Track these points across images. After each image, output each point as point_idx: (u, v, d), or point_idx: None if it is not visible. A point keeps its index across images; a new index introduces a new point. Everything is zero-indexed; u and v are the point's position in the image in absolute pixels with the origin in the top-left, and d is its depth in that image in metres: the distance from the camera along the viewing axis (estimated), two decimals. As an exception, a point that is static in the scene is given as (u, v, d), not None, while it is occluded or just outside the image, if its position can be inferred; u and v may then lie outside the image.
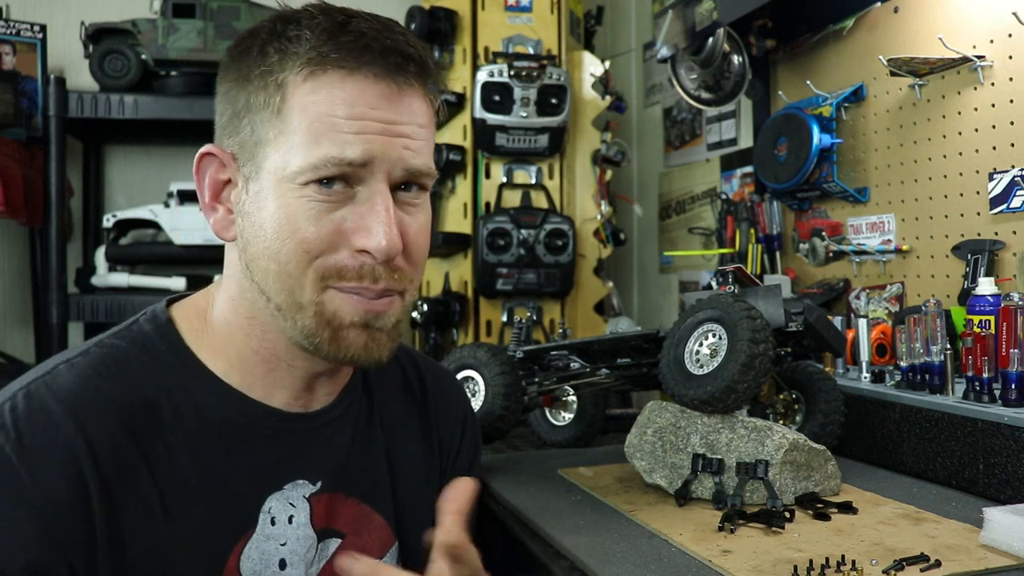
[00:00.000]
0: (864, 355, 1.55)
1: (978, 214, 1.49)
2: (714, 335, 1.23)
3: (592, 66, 2.30)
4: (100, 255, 2.33)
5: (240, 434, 0.86)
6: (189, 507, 0.82)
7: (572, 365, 1.57)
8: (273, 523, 0.87)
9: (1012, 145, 1.41)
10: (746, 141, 2.21)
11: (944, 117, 1.56)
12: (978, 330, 1.29)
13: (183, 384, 0.85)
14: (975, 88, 1.48)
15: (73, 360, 0.83)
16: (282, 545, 0.87)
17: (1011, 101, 1.41)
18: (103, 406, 0.79)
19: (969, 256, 1.48)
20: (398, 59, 0.81)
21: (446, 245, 2.15)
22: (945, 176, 1.56)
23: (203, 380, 0.86)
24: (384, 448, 0.99)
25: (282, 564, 0.87)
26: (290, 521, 0.88)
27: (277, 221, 0.80)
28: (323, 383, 0.92)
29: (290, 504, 0.88)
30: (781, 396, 1.45)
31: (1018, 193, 1.40)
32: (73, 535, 0.75)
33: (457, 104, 2.15)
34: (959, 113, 1.52)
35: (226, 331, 0.88)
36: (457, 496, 0.79)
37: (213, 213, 0.86)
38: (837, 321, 1.66)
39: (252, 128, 0.82)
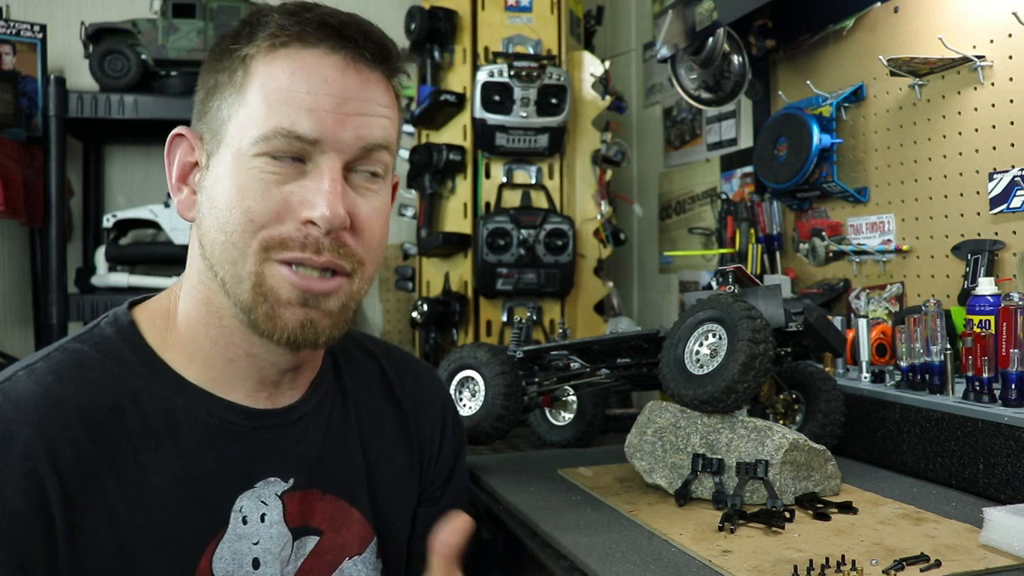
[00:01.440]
0: (864, 355, 1.55)
1: (978, 214, 1.49)
2: (714, 335, 1.23)
3: (592, 66, 2.30)
4: (100, 255, 2.33)
5: (208, 433, 0.86)
6: (158, 509, 0.81)
7: (572, 365, 1.57)
8: (245, 522, 0.86)
9: (1012, 145, 1.41)
10: (746, 141, 2.21)
11: (944, 117, 1.56)
12: (978, 330, 1.29)
13: (148, 386, 0.84)
14: (975, 88, 1.48)
15: (33, 366, 0.82)
16: (255, 544, 0.87)
17: (1011, 101, 1.41)
18: (64, 412, 0.78)
19: (969, 256, 1.48)
20: (356, 35, 0.83)
21: (446, 245, 2.15)
22: (945, 176, 1.56)
23: (168, 381, 0.85)
24: (359, 443, 0.99)
25: (255, 563, 0.86)
26: (263, 520, 0.87)
27: (228, 193, 0.81)
28: (287, 376, 0.92)
29: (262, 502, 0.87)
30: (781, 396, 1.45)
31: (1018, 193, 1.40)
32: (33, 548, 0.74)
33: (457, 104, 2.15)
34: (959, 113, 1.52)
35: (188, 326, 0.88)
36: (447, 539, 0.78)
37: (178, 194, 0.88)
38: (837, 321, 1.66)
39: (219, 107, 0.84)
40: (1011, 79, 1.41)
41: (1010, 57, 1.42)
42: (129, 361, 0.85)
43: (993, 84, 1.45)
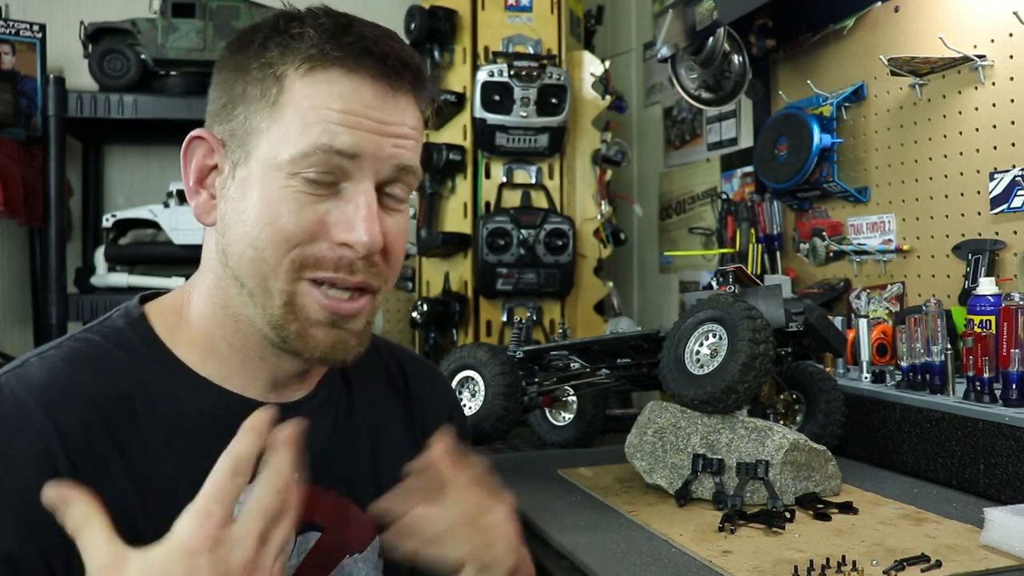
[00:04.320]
0: (864, 355, 1.54)
1: (979, 214, 1.49)
2: (714, 335, 1.23)
3: (592, 66, 2.30)
4: (99, 255, 2.33)
5: (216, 426, 0.86)
6: (166, 500, 0.81)
7: (572, 365, 1.56)
8: None
9: (1013, 145, 1.41)
10: (746, 141, 2.21)
11: (945, 117, 1.55)
12: (979, 330, 1.29)
13: (158, 378, 0.85)
14: (976, 87, 1.48)
15: (45, 353, 0.83)
16: None
17: (1012, 100, 1.41)
18: (75, 397, 0.80)
19: (970, 256, 1.48)
20: (396, 64, 0.84)
21: (446, 245, 2.14)
22: (946, 176, 1.56)
23: (178, 373, 0.86)
24: (367, 442, 1.00)
25: None
26: None
27: (259, 208, 0.82)
28: (296, 377, 0.93)
29: None
30: (781, 396, 1.45)
31: (1019, 193, 1.40)
32: (47, 527, 0.74)
33: (457, 104, 2.15)
34: (960, 113, 1.52)
35: (202, 323, 0.89)
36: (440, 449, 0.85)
37: (196, 197, 0.87)
38: (837, 321, 1.66)
39: (246, 116, 0.84)
40: (1012, 78, 1.41)
41: (1011, 56, 1.41)
42: (140, 352, 0.86)
43: (994, 83, 1.45)
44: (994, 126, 1.45)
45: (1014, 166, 1.41)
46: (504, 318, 2.17)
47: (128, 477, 0.80)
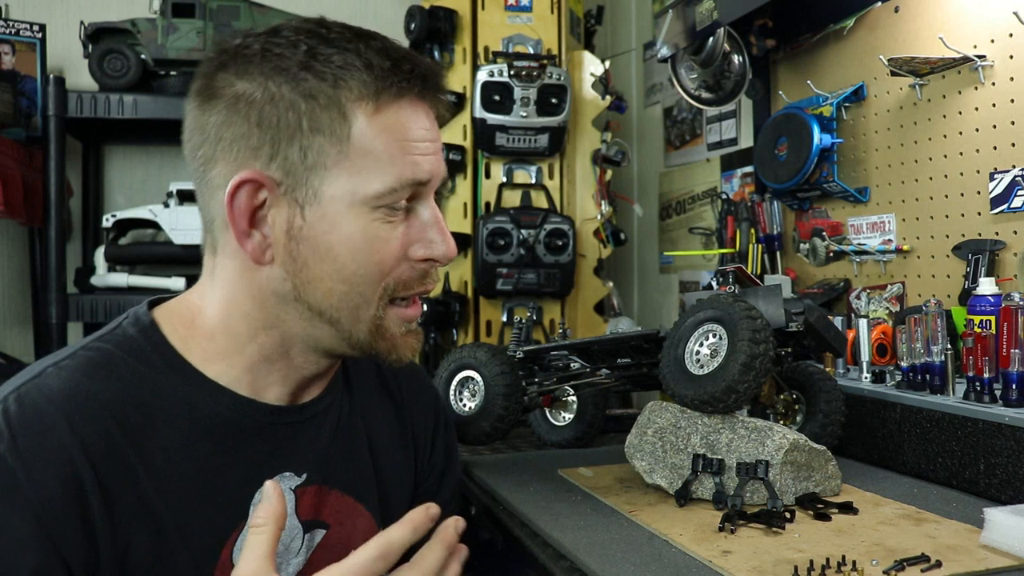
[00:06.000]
0: (865, 355, 1.54)
1: (979, 214, 1.49)
2: (714, 335, 1.23)
3: (592, 66, 2.30)
4: (99, 255, 2.33)
5: (230, 430, 0.88)
6: (184, 503, 0.84)
7: (572, 365, 1.56)
8: None
9: (1013, 145, 1.41)
10: (746, 141, 2.21)
11: (945, 117, 1.55)
12: (979, 330, 1.29)
13: (172, 384, 0.86)
14: (976, 88, 1.48)
15: (60, 363, 0.84)
16: None
17: (1012, 101, 1.41)
18: (95, 406, 0.81)
19: (970, 256, 1.48)
20: (436, 82, 0.90)
21: (446, 245, 2.14)
22: (946, 176, 1.56)
23: (191, 379, 0.88)
24: (366, 441, 1.03)
25: None
26: None
27: (354, 244, 0.84)
28: (316, 380, 0.96)
29: None
30: (782, 396, 1.45)
31: (1019, 193, 1.39)
32: (69, 536, 0.76)
33: (457, 104, 2.15)
34: (960, 113, 1.52)
35: (225, 336, 0.89)
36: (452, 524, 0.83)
37: (249, 240, 0.85)
38: (837, 321, 1.66)
39: (305, 153, 0.83)
40: (1012, 79, 1.41)
41: (1011, 56, 1.41)
42: (152, 359, 0.87)
43: (994, 84, 1.45)
44: (994, 126, 1.45)
45: (1014, 166, 1.41)
46: (504, 318, 2.17)
47: (149, 482, 0.82)
